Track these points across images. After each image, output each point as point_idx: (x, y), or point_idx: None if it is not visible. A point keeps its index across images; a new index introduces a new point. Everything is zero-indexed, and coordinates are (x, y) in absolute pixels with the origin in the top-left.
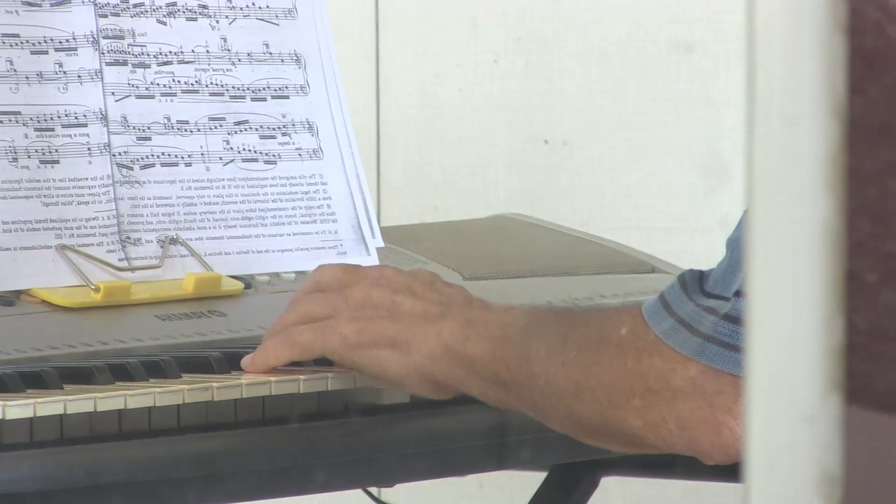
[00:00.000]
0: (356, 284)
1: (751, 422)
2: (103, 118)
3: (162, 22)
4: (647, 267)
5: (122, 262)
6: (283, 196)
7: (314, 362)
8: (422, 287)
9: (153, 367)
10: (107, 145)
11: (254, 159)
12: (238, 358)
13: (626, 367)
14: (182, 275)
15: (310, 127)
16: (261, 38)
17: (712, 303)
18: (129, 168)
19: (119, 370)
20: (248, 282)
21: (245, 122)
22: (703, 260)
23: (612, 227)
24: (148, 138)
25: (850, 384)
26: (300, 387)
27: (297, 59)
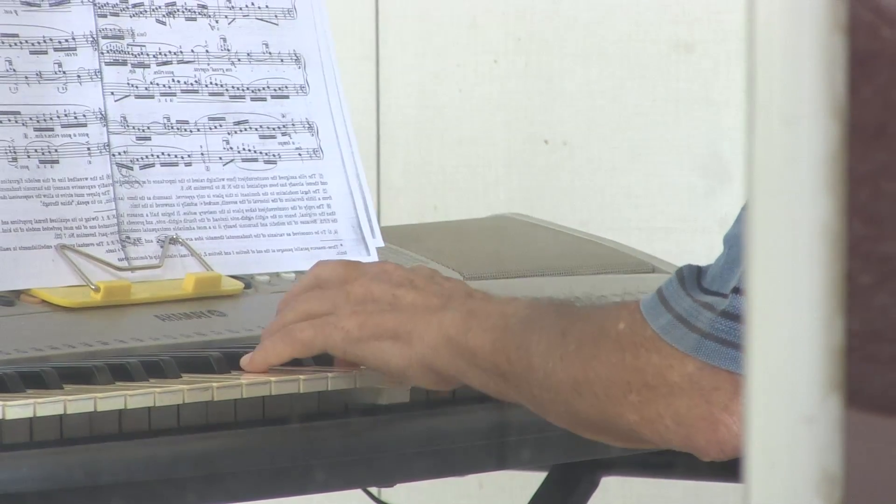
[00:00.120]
0: (356, 280)
1: (751, 422)
2: (103, 118)
3: (161, 22)
4: (647, 267)
5: (122, 261)
6: (282, 196)
7: (314, 361)
8: (423, 281)
9: (153, 367)
10: (106, 145)
11: (254, 159)
12: (238, 358)
13: (623, 362)
14: (182, 275)
15: (310, 127)
16: (260, 37)
17: (710, 299)
18: (129, 168)
19: (119, 370)
20: (247, 282)
21: (245, 121)
22: (704, 260)
23: (612, 227)
24: (147, 138)
25: (846, 385)
26: (300, 387)
27: (296, 59)
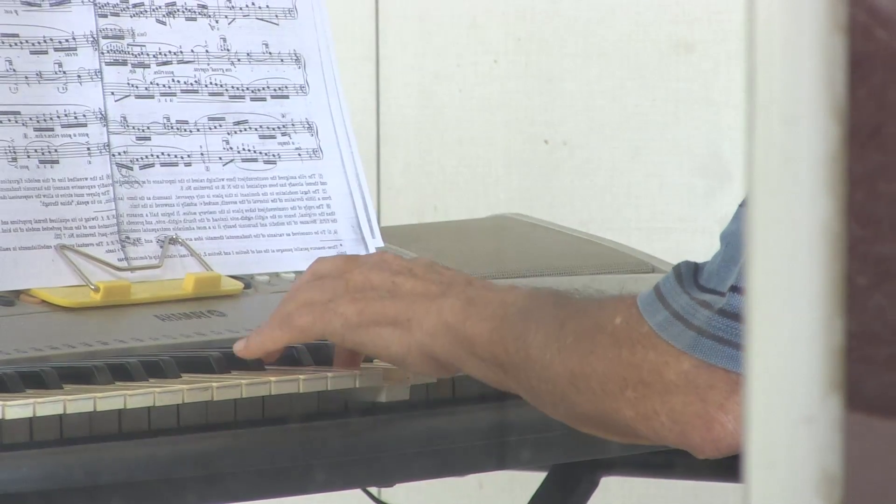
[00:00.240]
0: (355, 269)
1: (750, 422)
2: (103, 118)
3: (161, 22)
4: (647, 267)
5: (122, 262)
6: (282, 196)
7: (314, 361)
8: (422, 269)
9: (153, 367)
10: (106, 145)
11: (253, 159)
12: (238, 358)
13: (620, 357)
14: (182, 275)
15: (309, 127)
16: (260, 37)
17: (707, 297)
18: (129, 168)
19: (119, 370)
20: (247, 282)
21: (244, 121)
22: (703, 260)
23: (612, 227)
24: (147, 138)
25: (846, 386)
26: (300, 386)
27: (296, 59)
